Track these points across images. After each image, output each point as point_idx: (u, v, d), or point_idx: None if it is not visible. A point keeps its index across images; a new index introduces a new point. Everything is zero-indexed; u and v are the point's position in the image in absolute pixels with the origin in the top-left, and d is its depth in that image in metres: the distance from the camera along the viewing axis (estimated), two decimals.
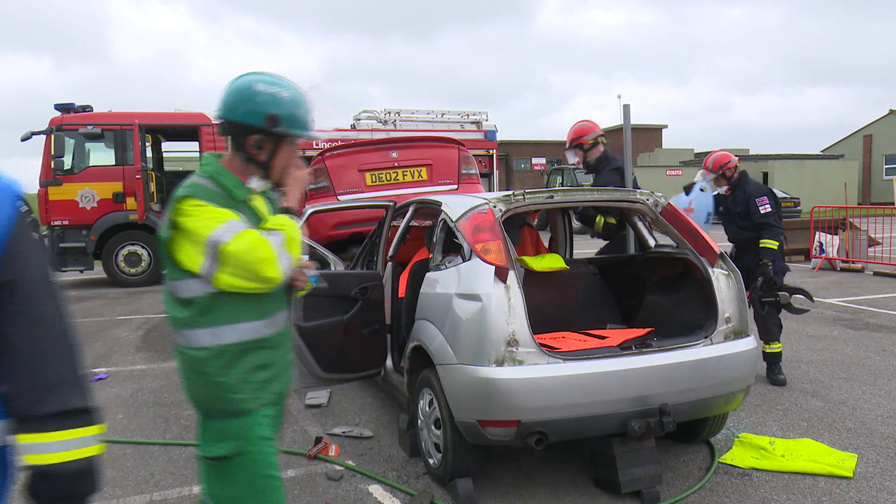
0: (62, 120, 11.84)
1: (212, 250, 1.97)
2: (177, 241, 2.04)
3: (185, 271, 2.04)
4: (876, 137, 38.99)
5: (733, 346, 3.54)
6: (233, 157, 2.15)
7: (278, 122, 2.07)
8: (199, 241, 1.98)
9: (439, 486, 3.60)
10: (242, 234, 2.00)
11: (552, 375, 3.15)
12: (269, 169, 2.16)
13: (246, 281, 2.00)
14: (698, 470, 3.79)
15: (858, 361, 5.90)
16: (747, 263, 5.38)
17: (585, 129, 5.55)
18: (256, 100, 2.05)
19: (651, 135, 43.67)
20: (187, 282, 2.04)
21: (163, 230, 2.05)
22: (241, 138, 2.10)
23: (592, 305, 4.58)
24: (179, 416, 4.92)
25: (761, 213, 5.40)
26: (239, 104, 2.06)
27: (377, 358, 4.36)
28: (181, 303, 2.06)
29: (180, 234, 2.02)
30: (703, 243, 3.79)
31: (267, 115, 2.05)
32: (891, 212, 14.48)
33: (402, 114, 13.24)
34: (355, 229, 6.24)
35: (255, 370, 2.09)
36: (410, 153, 6.92)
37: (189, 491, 3.66)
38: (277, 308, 2.16)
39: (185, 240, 2.01)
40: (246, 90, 2.06)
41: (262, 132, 2.08)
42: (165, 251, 2.07)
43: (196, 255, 2.00)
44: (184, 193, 2.03)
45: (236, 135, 2.11)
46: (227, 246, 1.96)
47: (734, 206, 5.62)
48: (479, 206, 3.66)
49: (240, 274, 1.99)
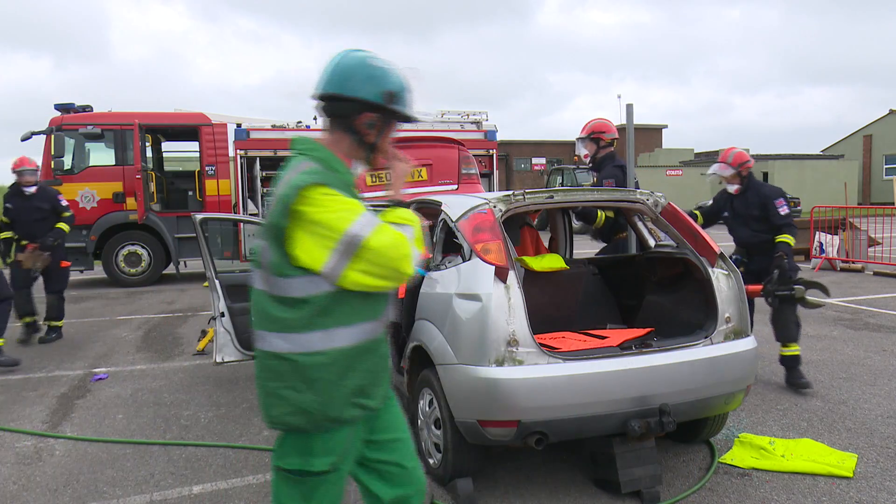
0: (62, 120, 11.84)
1: (348, 245, 1.79)
2: (294, 233, 1.82)
3: (297, 268, 1.83)
4: (876, 137, 39.00)
5: (733, 346, 3.54)
6: (339, 140, 1.97)
7: (395, 100, 1.93)
8: (332, 235, 1.79)
9: (439, 486, 3.60)
10: (382, 228, 1.83)
11: (552, 375, 3.15)
12: (376, 152, 2.02)
13: (379, 279, 1.83)
14: (698, 470, 3.79)
15: (858, 361, 5.90)
16: (760, 266, 5.28)
17: (606, 127, 5.80)
18: (374, 75, 1.91)
19: (651, 135, 43.67)
20: (299, 280, 1.84)
21: (276, 219, 1.83)
22: (352, 118, 1.93)
23: (592, 305, 4.58)
24: (179, 416, 4.92)
25: (781, 215, 5.28)
26: (356, 79, 1.90)
27: None
28: (288, 303, 1.85)
29: (301, 225, 1.81)
30: (703, 243, 3.79)
31: (385, 92, 1.91)
32: (891, 212, 14.48)
33: None
34: None
35: (365, 375, 1.93)
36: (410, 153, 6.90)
37: (189, 491, 3.66)
38: (385, 306, 2.02)
39: (309, 232, 1.81)
40: (362, 65, 1.91)
41: (377, 110, 1.93)
42: (275, 244, 1.85)
43: (320, 249, 1.80)
44: (311, 181, 1.82)
45: (345, 114, 1.93)
46: (369, 241, 1.79)
47: (747, 209, 5.43)
48: (479, 206, 3.66)
49: (376, 272, 1.81)
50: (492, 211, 3.59)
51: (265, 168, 12.32)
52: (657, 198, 4.02)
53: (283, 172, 1.94)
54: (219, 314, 5.19)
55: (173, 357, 6.78)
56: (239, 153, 12.19)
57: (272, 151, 12.23)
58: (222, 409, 5.06)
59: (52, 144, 11.46)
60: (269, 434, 4.47)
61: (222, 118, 13.01)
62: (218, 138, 12.63)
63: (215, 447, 4.28)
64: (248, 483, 3.74)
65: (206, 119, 12.71)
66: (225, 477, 3.83)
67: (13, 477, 3.91)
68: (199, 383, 5.78)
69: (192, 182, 13.08)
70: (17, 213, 7.27)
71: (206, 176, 12.52)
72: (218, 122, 12.77)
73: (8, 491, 3.73)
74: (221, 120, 12.89)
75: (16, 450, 4.35)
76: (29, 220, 7.26)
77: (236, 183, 12.41)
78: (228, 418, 4.83)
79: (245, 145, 12.09)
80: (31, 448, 4.37)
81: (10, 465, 4.08)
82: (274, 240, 1.85)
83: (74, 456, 4.21)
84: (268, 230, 1.87)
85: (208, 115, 12.82)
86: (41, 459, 4.17)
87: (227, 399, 5.30)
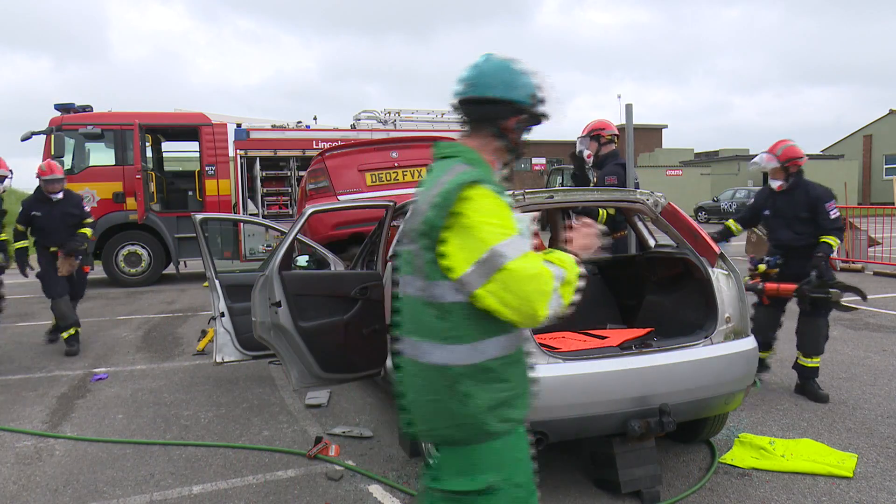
0: (62, 120, 11.84)
1: (488, 261, 1.69)
2: (448, 234, 1.74)
3: (443, 272, 1.76)
4: (876, 137, 39.00)
5: (733, 346, 3.54)
6: (485, 143, 1.91)
7: (539, 102, 1.92)
8: (478, 246, 1.70)
9: None
10: (529, 256, 1.72)
11: (552, 375, 3.15)
12: (519, 155, 1.97)
13: (507, 308, 1.71)
14: (698, 470, 3.79)
15: (858, 361, 5.90)
16: (797, 270, 4.92)
17: (606, 125, 5.84)
18: (522, 78, 1.89)
19: (651, 135, 43.69)
20: (448, 284, 1.76)
21: (432, 220, 1.75)
22: (500, 121, 1.89)
23: (592, 305, 4.58)
24: (179, 416, 4.92)
25: (831, 219, 4.89)
26: (508, 81, 1.88)
27: (377, 358, 4.36)
28: (442, 310, 1.78)
29: (455, 227, 1.73)
30: (703, 243, 3.79)
31: (532, 94, 1.90)
32: (891, 212, 14.47)
33: (402, 114, 13.25)
34: (355, 229, 6.24)
35: (513, 386, 1.85)
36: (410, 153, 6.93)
37: (189, 491, 3.66)
38: None
39: (458, 237, 1.73)
40: (510, 67, 1.90)
41: (524, 113, 1.91)
42: (429, 246, 1.77)
43: (463, 256, 1.72)
44: (471, 179, 1.75)
45: (494, 117, 1.89)
46: (510, 264, 1.68)
47: (793, 209, 4.99)
48: None
49: (506, 298, 1.70)
50: None
51: (265, 168, 12.33)
52: (657, 198, 4.02)
53: (434, 175, 1.88)
54: (219, 314, 5.19)
55: (173, 357, 6.78)
56: (239, 153, 12.20)
57: (272, 151, 12.25)
58: (222, 409, 5.06)
59: (52, 144, 11.45)
60: (270, 434, 4.48)
61: (222, 118, 13.01)
62: (218, 138, 12.63)
63: (215, 447, 4.28)
64: (248, 483, 3.74)
65: (206, 119, 12.71)
66: (225, 477, 3.83)
67: (13, 477, 3.91)
68: (199, 383, 5.78)
69: (192, 182, 13.08)
70: (47, 221, 6.83)
71: (206, 176, 12.52)
72: (218, 122, 12.77)
73: (8, 491, 3.73)
74: (221, 120, 12.89)
75: (16, 450, 4.35)
76: (61, 226, 6.86)
77: (236, 183, 12.42)
78: (228, 418, 4.83)
79: (245, 145, 12.10)
80: (31, 448, 4.37)
81: (10, 465, 4.08)
82: (428, 241, 1.78)
83: (74, 456, 4.21)
84: (422, 232, 1.78)
85: (208, 115, 12.82)
86: (41, 459, 4.17)
87: (227, 399, 5.30)
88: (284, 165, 12.43)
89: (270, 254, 5.38)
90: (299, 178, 11.43)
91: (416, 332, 1.85)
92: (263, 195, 12.33)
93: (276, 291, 4.03)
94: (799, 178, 5.00)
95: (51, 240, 6.83)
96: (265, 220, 8.33)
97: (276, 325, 4.06)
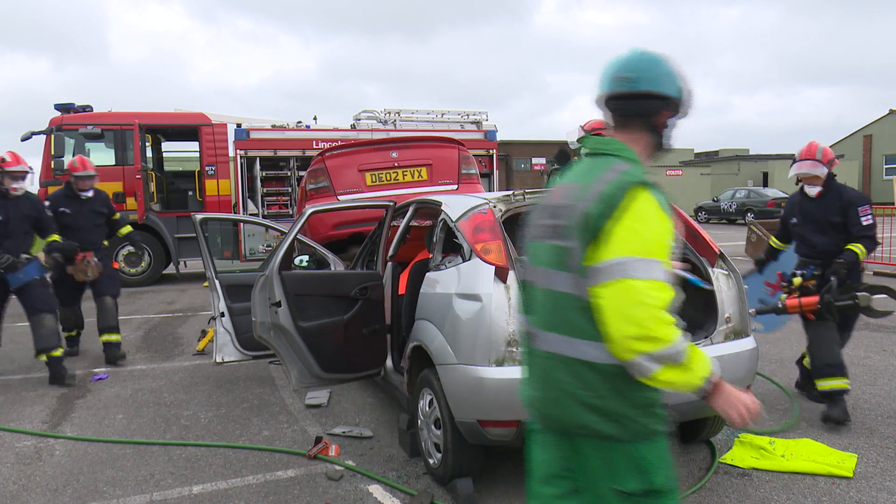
0: (62, 120, 11.85)
1: (617, 267, 1.68)
2: (611, 233, 1.71)
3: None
4: (876, 137, 39.01)
5: (733, 346, 3.54)
6: (636, 139, 1.88)
7: (688, 97, 1.90)
8: (618, 249, 1.69)
9: (439, 486, 3.60)
10: (659, 285, 1.67)
11: None
12: (665, 151, 1.94)
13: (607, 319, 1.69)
14: (698, 470, 3.79)
15: (858, 361, 5.90)
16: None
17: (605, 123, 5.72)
18: (674, 72, 1.87)
19: None
20: None
21: (595, 220, 1.72)
22: (653, 115, 1.87)
23: None
24: (179, 416, 4.92)
25: (863, 225, 4.57)
26: (662, 75, 1.85)
27: (377, 358, 4.37)
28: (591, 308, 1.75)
29: (617, 226, 1.71)
30: (703, 243, 3.79)
31: (683, 89, 1.88)
32: (891, 212, 14.47)
33: (402, 114, 13.25)
34: (355, 229, 6.24)
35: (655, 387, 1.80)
36: (410, 153, 6.92)
37: (189, 491, 3.66)
38: None
39: (610, 235, 1.71)
40: (661, 60, 1.87)
41: (675, 107, 1.88)
42: (586, 245, 1.74)
43: (602, 252, 1.71)
44: (641, 180, 1.73)
45: (648, 112, 1.86)
46: (634, 280, 1.65)
47: (826, 214, 4.64)
48: (479, 206, 3.66)
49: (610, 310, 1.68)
50: (492, 211, 3.60)
51: (265, 168, 12.33)
52: None
53: (588, 171, 1.85)
54: (219, 314, 5.19)
55: (173, 357, 6.78)
56: (239, 153, 12.20)
57: (272, 151, 12.25)
58: (222, 409, 5.06)
59: (52, 144, 11.46)
60: (270, 434, 4.48)
61: (222, 118, 13.02)
62: (218, 138, 12.64)
63: (215, 447, 4.28)
64: (248, 483, 3.74)
65: (206, 119, 12.71)
66: (225, 477, 3.83)
67: (13, 477, 3.91)
68: (199, 383, 5.78)
69: (192, 182, 13.08)
70: (75, 219, 6.48)
71: (206, 176, 12.52)
72: (218, 122, 12.78)
73: (8, 491, 3.73)
74: (221, 120, 12.90)
75: (16, 450, 4.35)
76: (88, 225, 6.55)
77: (236, 183, 12.42)
78: (228, 418, 4.83)
79: (245, 145, 12.10)
80: (31, 448, 4.37)
81: (10, 465, 4.08)
82: (585, 239, 1.74)
83: (74, 456, 4.21)
84: (580, 229, 1.75)
85: (208, 115, 12.82)
86: (41, 459, 4.17)
87: (227, 399, 5.30)
88: (284, 165, 12.43)
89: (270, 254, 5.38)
90: (299, 178, 11.43)
91: (561, 327, 1.82)
92: (263, 195, 12.33)
93: (276, 291, 4.03)
94: (831, 182, 4.70)
95: (78, 239, 6.39)
96: (265, 220, 8.33)
97: (276, 325, 4.06)
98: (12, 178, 5.79)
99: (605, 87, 1.90)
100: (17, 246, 5.82)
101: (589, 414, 1.78)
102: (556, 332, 1.84)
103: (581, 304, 1.77)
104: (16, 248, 5.81)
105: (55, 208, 6.40)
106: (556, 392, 1.84)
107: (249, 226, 11.97)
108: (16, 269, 5.75)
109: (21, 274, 5.78)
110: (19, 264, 5.77)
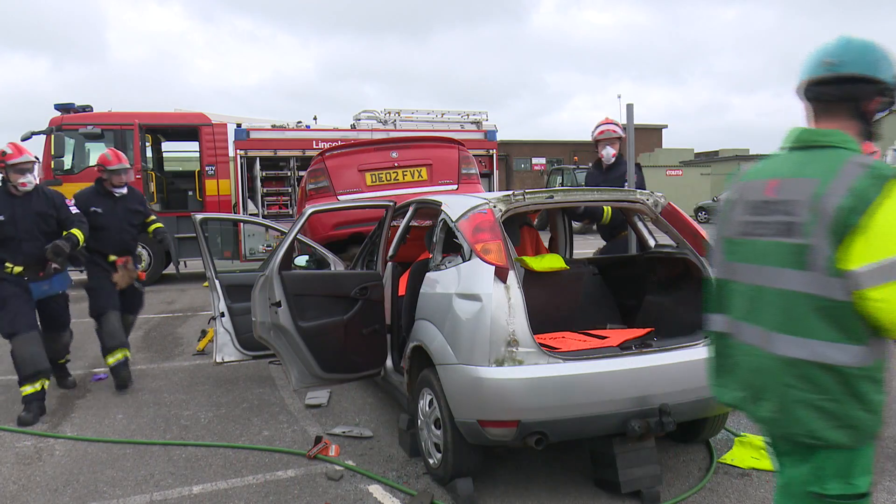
0: (62, 120, 11.85)
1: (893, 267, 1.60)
2: (865, 228, 1.63)
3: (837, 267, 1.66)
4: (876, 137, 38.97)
5: None
6: (845, 127, 1.81)
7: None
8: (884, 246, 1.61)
9: (439, 486, 3.60)
10: None
11: (552, 375, 3.15)
12: (873, 139, 1.88)
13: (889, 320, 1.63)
14: (698, 470, 3.79)
15: None
16: None
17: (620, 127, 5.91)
18: (887, 56, 1.80)
19: (651, 135, 43.69)
20: (841, 281, 1.67)
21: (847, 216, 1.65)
22: (864, 101, 1.80)
23: (592, 305, 4.58)
24: (179, 416, 4.92)
25: None
26: (875, 60, 1.78)
27: (377, 358, 4.37)
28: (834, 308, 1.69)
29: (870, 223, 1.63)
30: (703, 243, 3.79)
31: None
32: None
33: (402, 114, 13.24)
34: (355, 229, 6.24)
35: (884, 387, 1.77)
36: (410, 153, 6.92)
37: (189, 491, 3.66)
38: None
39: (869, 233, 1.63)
40: (874, 47, 1.81)
41: (889, 93, 1.81)
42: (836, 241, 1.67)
43: (866, 251, 1.63)
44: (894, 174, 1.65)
45: (858, 96, 1.79)
46: None
47: None
48: (479, 206, 3.66)
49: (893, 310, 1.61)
50: (492, 211, 3.59)
51: (265, 168, 12.33)
52: (657, 198, 4.02)
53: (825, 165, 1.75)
54: (219, 314, 5.19)
55: (173, 357, 6.78)
56: (239, 153, 12.20)
57: (272, 151, 12.24)
58: (222, 409, 5.06)
59: (52, 144, 11.46)
60: (270, 434, 4.48)
61: (222, 118, 13.02)
62: (218, 138, 12.64)
63: (215, 447, 4.28)
64: (248, 483, 3.74)
65: (206, 119, 12.71)
66: (225, 477, 3.83)
67: (13, 477, 3.91)
68: (199, 383, 5.78)
69: (192, 182, 13.09)
70: (109, 220, 5.67)
71: (206, 176, 12.52)
72: (218, 122, 12.78)
73: (8, 491, 3.73)
74: (221, 120, 12.90)
75: (16, 450, 4.35)
76: (123, 226, 5.76)
77: (236, 183, 12.42)
78: (228, 418, 4.83)
79: (245, 145, 12.09)
80: (31, 448, 4.37)
81: (10, 465, 4.08)
82: (835, 238, 1.66)
83: (74, 456, 4.21)
84: (827, 227, 1.67)
85: (208, 115, 12.82)
86: (41, 459, 4.17)
87: (227, 399, 5.30)
88: (284, 165, 12.43)
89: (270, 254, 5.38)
90: (299, 178, 11.42)
91: (794, 329, 1.76)
92: (263, 195, 12.33)
93: (276, 291, 4.03)
94: None
95: (111, 242, 5.70)
96: (265, 220, 8.33)
97: (276, 325, 4.06)
98: (18, 171, 5.06)
99: (808, 73, 1.84)
100: (38, 249, 5.09)
101: (818, 420, 1.73)
102: (786, 334, 1.77)
103: (822, 303, 1.70)
104: (37, 251, 5.10)
105: (86, 208, 5.54)
106: (778, 396, 1.79)
107: (249, 226, 11.97)
108: (63, 260, 5.10)
109: (46, 285, 5.25)
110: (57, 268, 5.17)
